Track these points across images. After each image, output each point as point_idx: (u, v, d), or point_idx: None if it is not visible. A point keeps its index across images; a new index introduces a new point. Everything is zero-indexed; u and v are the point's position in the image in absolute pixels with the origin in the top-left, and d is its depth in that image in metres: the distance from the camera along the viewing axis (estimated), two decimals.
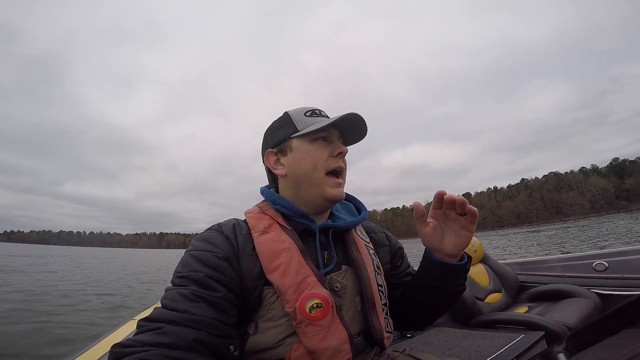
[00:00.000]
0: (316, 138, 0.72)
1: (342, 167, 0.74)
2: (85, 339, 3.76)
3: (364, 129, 0.76)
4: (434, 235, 0.69)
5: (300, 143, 0.73)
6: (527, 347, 1.41)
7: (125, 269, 16.47)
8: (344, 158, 0.76)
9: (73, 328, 4.41)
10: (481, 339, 1.57)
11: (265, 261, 0.65)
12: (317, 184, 0.71)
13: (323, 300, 0.61)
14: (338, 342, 0.61)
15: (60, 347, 3.64)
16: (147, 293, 8.07)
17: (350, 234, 0.78)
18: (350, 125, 0.75)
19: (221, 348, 0.56)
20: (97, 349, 1.12)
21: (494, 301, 2.13)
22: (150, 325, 0.53)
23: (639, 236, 12.85)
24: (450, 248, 0.68)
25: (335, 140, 0.74)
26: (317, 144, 0.72)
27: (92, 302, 6.39)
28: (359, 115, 0.72)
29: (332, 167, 0.72)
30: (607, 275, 2.09)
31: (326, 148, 0.73)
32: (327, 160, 0.72)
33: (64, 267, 16.25)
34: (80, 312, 5.42)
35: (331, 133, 0.74)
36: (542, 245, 14.81)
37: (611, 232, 16.39)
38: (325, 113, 0.77)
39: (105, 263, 22.03)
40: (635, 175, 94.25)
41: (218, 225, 0.72)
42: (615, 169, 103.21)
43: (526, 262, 2.59)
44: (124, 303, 6.48)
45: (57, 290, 7.56)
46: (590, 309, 1.82)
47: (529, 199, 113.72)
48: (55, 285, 8.68)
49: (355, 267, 0.72)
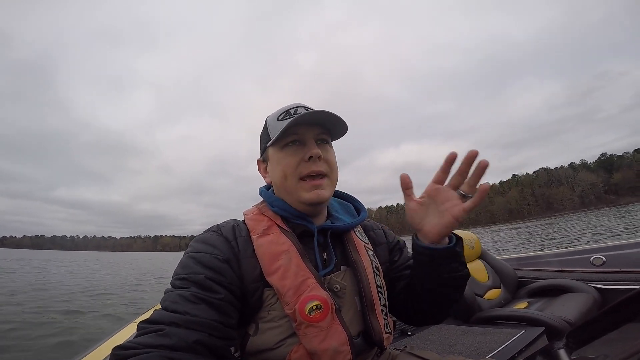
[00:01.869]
0: (286, 143, 0.69)
1: (315, 171, 0.68)
2: (87, 343, 3.74)
3: (338, 121, 0.70)
4: (417, 211, 0.65)
5: (273, 151, 0.72)
6: (528, 343, 1.41)
7: (123, 272, 16.35)
8: (329, 156, 0.71)
9: (74, 331, 4.40)
10: (482, 336, 1.57)
11: (265, 263, 0.65)
12: (291, 191, 0.70)
13: (322, 302, 0.61)
14: (338, 343, 0.61)
15: (62, 351, 3.63)
16: (146, 295, 8.04)
17: (349, 234, 0.77)
18: (325, 121, 0.70)
19: (222, 349, 0.56)
20: (99, 352, 1.12)
21: (494, 297, 2.13)
22: (151, 328, 0.52)
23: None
24: (429, 229, 0.64)
25: (309, 142, 0.69)
26: (288, 150, 0.69)
27: (91, 305, 6.36)
28: (320, 112, 0.67)
29: (303, 173, 0.68)
30: (605, 269, 2.10)
31: (296, 154, 0.69)
32: (298, 166, 0.68)
33: (60, 271, 16.08)
34: (80, 315, 5.41)
35: (303, 134, 0.69)
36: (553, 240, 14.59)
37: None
38: (302, 110, 0.71)
39: (102, 266, 21.93)
40: (623, 170, 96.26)
41: (217, 226, 0.71)
42: (604, 164, 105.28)
43: (524, 257, 2.60)
44: (123, 305, 6.45)
45: (56, 294, 7.52)
46: (590, 303, 1.82)
47: (520, 194, 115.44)
48: (54, 289, 8.60)
49: (354, 268, 0.71)
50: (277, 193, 0.75)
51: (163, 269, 18.01)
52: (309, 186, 0.68)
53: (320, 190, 0.69)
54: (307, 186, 0.68)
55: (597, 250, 2.19)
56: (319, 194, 0.68)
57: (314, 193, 0.68)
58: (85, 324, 4.79)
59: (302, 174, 0.68)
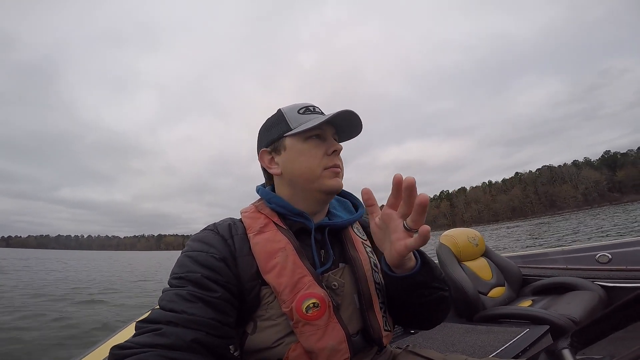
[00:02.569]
0: (309, 136, 0.71)
1: (337, 164, 0.72)
2: (86, 343, 3.78)
3: (358, 125, 0.74)
4: (376, 233, 0.61)
5: (294, 142, 0.71)
6: (532, 342, 1.40)
7: (124, 271, 16.44)
8: (339, 155, 0.74)
9: (73, 332, 4.41)
10: (485, 334, 1.56)
11: (261, 261, 0.64)
12: (314, 179, 0.70)
13: (319, 300, 0.61)
14: (335, 341, 0.60)
15: (61, 351, 3.63)
16: (145, 295, 8.07)
17: (347, 231, 0.76)
18: (344, 122, 0.73)
19: (220, 348, 0.55)
20: (98, 353, 1.12)
21: (498, 295, 2.12)
22: (149, 327, 0.52)
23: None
24: (386, 253, 0.60)
25: (330, 138, 0.72)
26: (311, 143, 0.71)
27: (90, 306, 6.37)
28: (353, 112, 0.70)
29: (327, 165, 0.70)
30: (610, 267, 2.07)
31: (320, 146, 0.71)
32: (322, 159, 0.70)
33: (62, 270, 16.21)
34: (80, 315, 5.41)
35: (325, 130, 0.72)
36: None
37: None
38: (319, 109, 0.75)
39: (105, 265, 22.08)
40: (627, 168, 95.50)
41: (214, 225, 0.71)
42: (607, 162, 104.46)
43: (528, 255, 2.57)
44: (122, 306, 6.47)
45: (54, 294, 7.56)
46: (595, 301, 1.80)
47: (523, 192, 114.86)
48: (53, 288, 8.65)
49: (352, 265, 0.70)
50: (287, 184, 0.73)
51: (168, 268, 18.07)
52: (331, 174, 0.71)
53: (339, 178, 0.72)
54: (329, 174, 0.71)
55: (603, 248, 2.16)
56: (339, 181, 0.72)
57: (335, 180, 0.71)
58: (84, 324, 4.80)
59: (327, 165, 0.70)
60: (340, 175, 0.73)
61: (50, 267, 18.36)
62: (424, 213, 0.51)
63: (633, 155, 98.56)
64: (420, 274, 0.61)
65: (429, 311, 0.69)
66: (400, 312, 0.72)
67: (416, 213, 0.51)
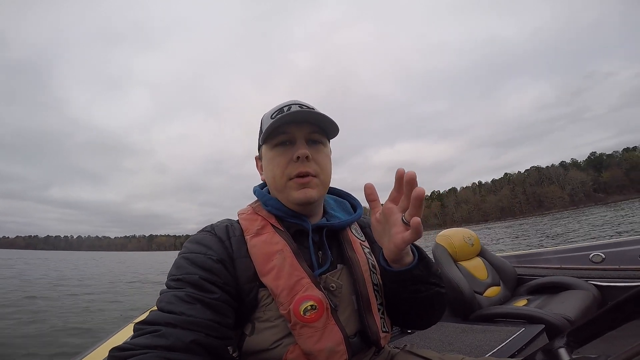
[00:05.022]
0: (277, 143, 0.69)
1: (303, 172, 0.67)
2: (84, 344, 3.75)
3: (327, 120, 0.68)
4: (376, 227, 0.62)
5: (265, 150, 0.72)
6: (528, 341, 1.41)
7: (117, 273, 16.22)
8: (320, 157, 0.70)
9: (71, 333, 4.38)
10: (481, 333, 1.57)
11: (259, 264, 0.64)
12: (281, 190, 0.69)
13: (317, 302, 0.61)
14: (333, 343, 0.61)
15: (60, 352, 3.61)
16: (143, 296, 8.01)
17: (345, 232, 0.76)
18: (317, 120, 0.69)
19: (219, 349, 0.55)
20: (96, 354, 1.12)
21: (493, 295, 2.13)
22: (148, 328, 0.52)
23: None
24: (385, 247, 0.61)
25: (298, 142, 0.68)
26: (278, 150, 0.69)
27: (89, 306, 6.35)
28: (305, 112, 0.66)
29: (292, 174, 0.67)
30: (604, 266, 2.11)
31: (285, 154, 0.68)
32: (287, 167, 0.68)
33: (57, 271, 15.90)
34: (79, 316, 5.39)
35: (293, 133, 0.68)
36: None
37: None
38: (295, 107, 0.69)
39: (98, 267, 21.75)
40: (612, 169, 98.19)
41: (211, 226, 0.71)
42: (594, 163, 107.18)
43: (523, 254, 2.61)
44: (120, 307, 6.43)
45: (52, 295, 7.43)
46: (589, 300, 1.83)
47: (512, 193, 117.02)
48: (49, 289, 8.48)
49: (350, 267, 0.70)
50: (270, 191, 0.75)
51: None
52: (296, 185, 0.67)
53: (308, 189, 0.67)
54: (295, 185, 0.67)
55: (597, 248, 2.20)
56: (306, 192, 0.67)
57: (301, 192, 0.67)
58: (83, 325, 4.78)
59: (291, 174, 0.67)
60: (310, 184, 0.67)
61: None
62: (420, 206, 0.52)
63: (618, 156, 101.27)
64: (418, 268, 0.62)
65: (425, 308, 0.68)
66: (398, 310, 0.72)
67: (413, 206, 0.52)
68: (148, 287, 9.97)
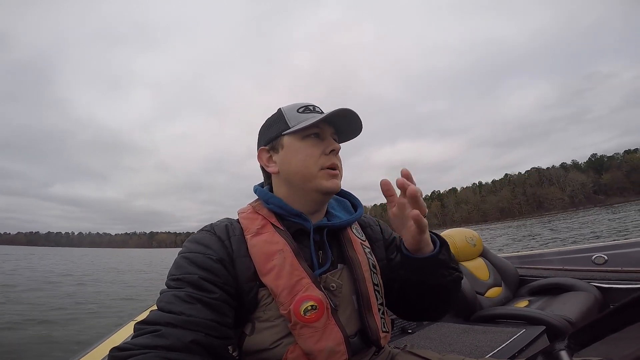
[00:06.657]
0: (307, 135, 0.71)
1: (335, 164, 0.72)
2: (83, 344, 3.73)
3: (358, 124, 0.74)
4: (394, 220, 0.66)
5: (291, 140, 0.72)
6: (529, 342, 1.40)
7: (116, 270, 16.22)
8: (338, 155, 0.74)
9: (71, 332, 4.39)
10: (482, 334, 1.57)
11: (259, 263, 0.65)
12: (310, 179, 0.70)
13: (317, 302, 0.61)
14: (333, 343, 0.61)
15: (60, 352, 3.62)
16: (143, 295, 8.02)
17: (346, 232, 0.76)
18: (343, 121, 0.73)
19: (219, 349, 0.56)
20: (96, 354, 1.12)
21: (494, 295, 2.13)
22: (148, 328, 0.53)
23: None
24: (405, 238, 0.65)
25: (328, 137, 0.73)
26: (309, 141, 0.71)
27: (88, 306, 6.34)
28: (351, 110, 0.70)
29: (325, 165, 0.71)
30: (606, 268, 2.10)
31: (318, 145, 0.71)
32: (320, 158, 0.71)
33: (57, 269, 15.91)
34: (78, 316, 5.39)
35: (324, 130, 0.72)
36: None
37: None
38: (320, 109, 0.75)
39: (98, 264, 21.75)
40: (612, 171, 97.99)
41: (210, 226, 0.71)
42: (594, 164, 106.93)
43: (525, 255, 2.60)
44: (120, 306, 6.46)
45: (52, 294, 7.43)
46: (591, 302, 1.82)
47: (512, 193, 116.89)
48: (50, 288, 8.48)
49: (351, 266, 0.71)
50: (284, 183, 0.74)
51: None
52: (327, 175, 0.70)
53: (337, 180, 0.72)
54: (326, 175, 0.70)
55: (599, 249, 2.19)
56: (336, 182, 0.71)
57: (332, 182, 0.71)
58: (82, 325, 4.79)
59: (324, 164, 0.70)
60: (338, 177, 0.72)
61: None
62: (417, 202, 0.56)
63: (619, 158, 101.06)
64: (442, 253, 0.65)
65: (448, 293, 0.70)
66: (414, 302, 0.73)
67: (411, 204, 0.57)
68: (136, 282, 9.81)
